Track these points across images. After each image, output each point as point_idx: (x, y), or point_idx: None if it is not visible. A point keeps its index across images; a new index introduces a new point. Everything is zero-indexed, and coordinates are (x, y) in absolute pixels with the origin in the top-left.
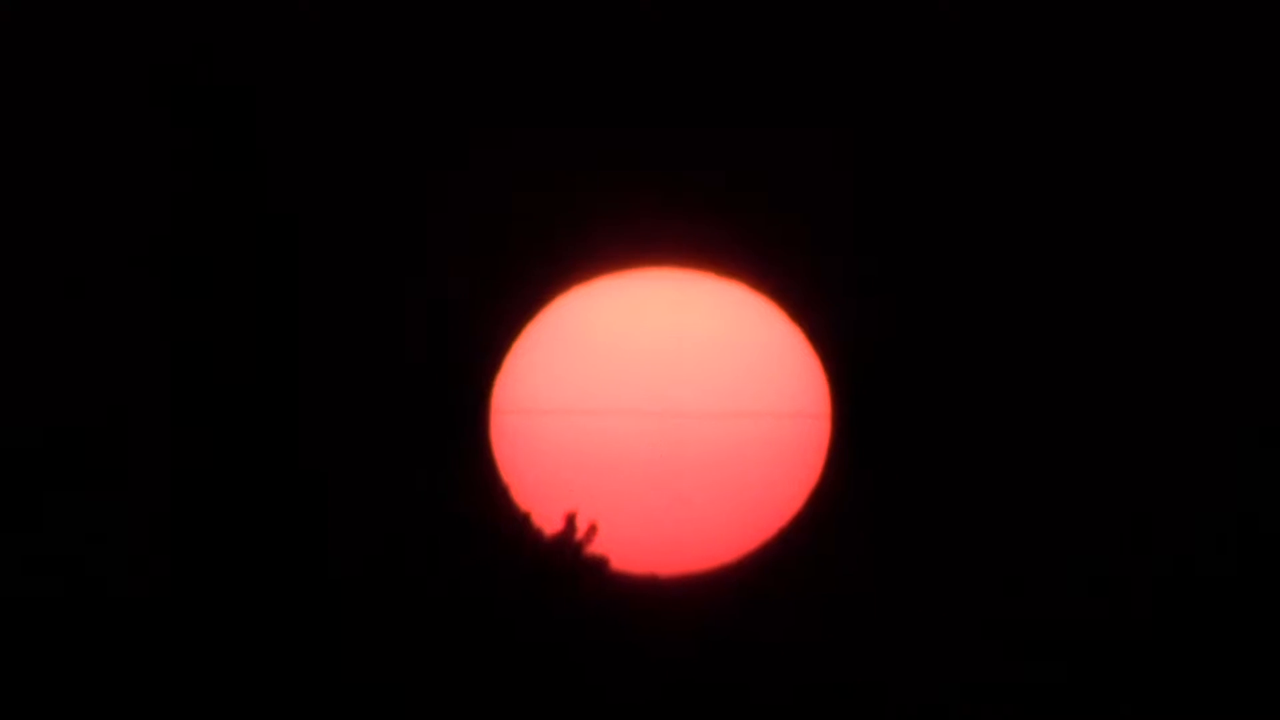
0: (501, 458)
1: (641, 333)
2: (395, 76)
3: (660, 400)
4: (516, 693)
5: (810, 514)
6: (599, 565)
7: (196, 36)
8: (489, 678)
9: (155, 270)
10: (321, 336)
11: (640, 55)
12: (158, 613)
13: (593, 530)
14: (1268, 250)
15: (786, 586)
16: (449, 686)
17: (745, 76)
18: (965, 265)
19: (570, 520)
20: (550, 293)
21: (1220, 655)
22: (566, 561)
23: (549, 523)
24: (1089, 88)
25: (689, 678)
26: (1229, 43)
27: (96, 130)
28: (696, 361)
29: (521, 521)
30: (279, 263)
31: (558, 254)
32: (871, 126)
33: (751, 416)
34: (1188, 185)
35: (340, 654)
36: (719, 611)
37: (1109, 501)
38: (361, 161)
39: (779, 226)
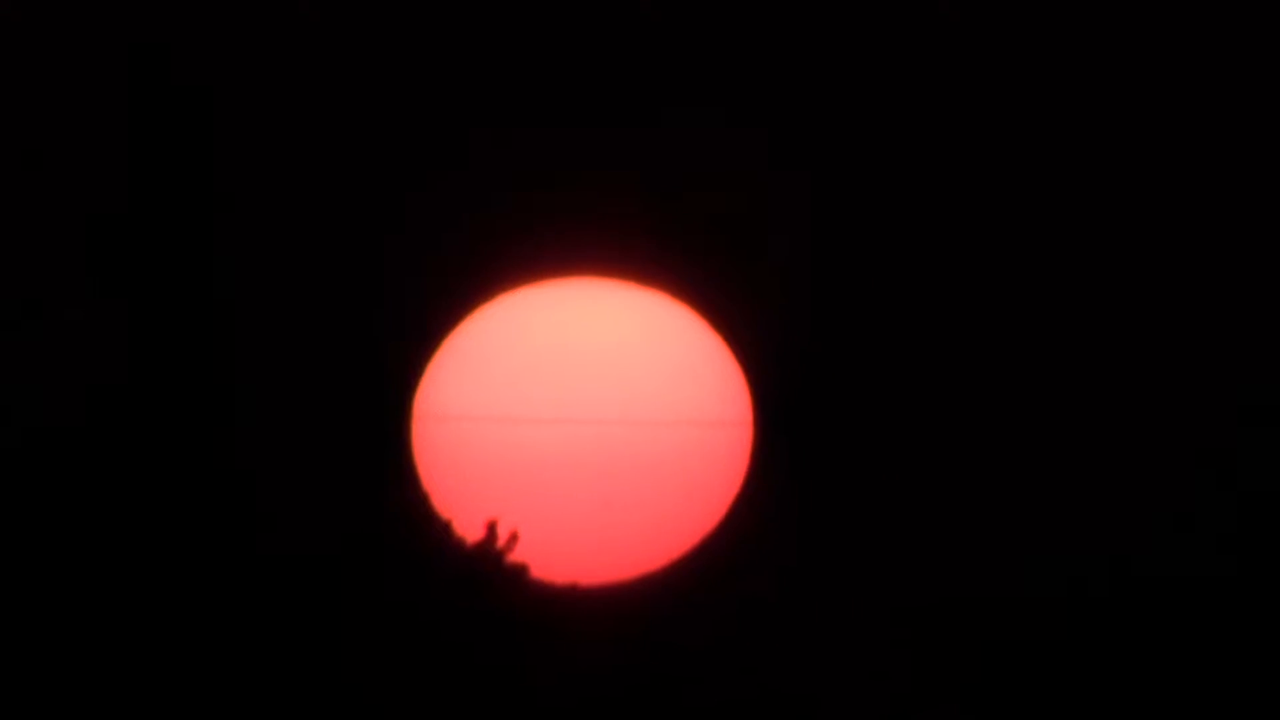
0: (423, 464)
1: (563, 341)
2: (334, 80)
3: (582, 408)
4: (437, 697)
5: (732, 522)
6: (520, 573)
7: (155, 35)
8: (410, 682)
9: (91, 268)
10: (247, 342)
11: (559, 61)
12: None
13: (514, 538)
14: (1259, 250)
15: (708, 594)
16: (373, 691)
17: (662, 80)
18: (885, 270)
19: (491, 528)
20: (473, 300)
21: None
22: (487, 569)
23: (470, 530)
24: (1032, 85)
25: (610, 686)
26: (1228, 43)
27: (54, 127)
28: (618, 370)
29: (443, 529)
30: (207, 266)
31: (481, 262)
32: (787, 129)
33: (673, 424)
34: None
35: (265, 658)
36: (641, 620)
37: (1038, 500)
38: (291, 166)
39: (698, 234)
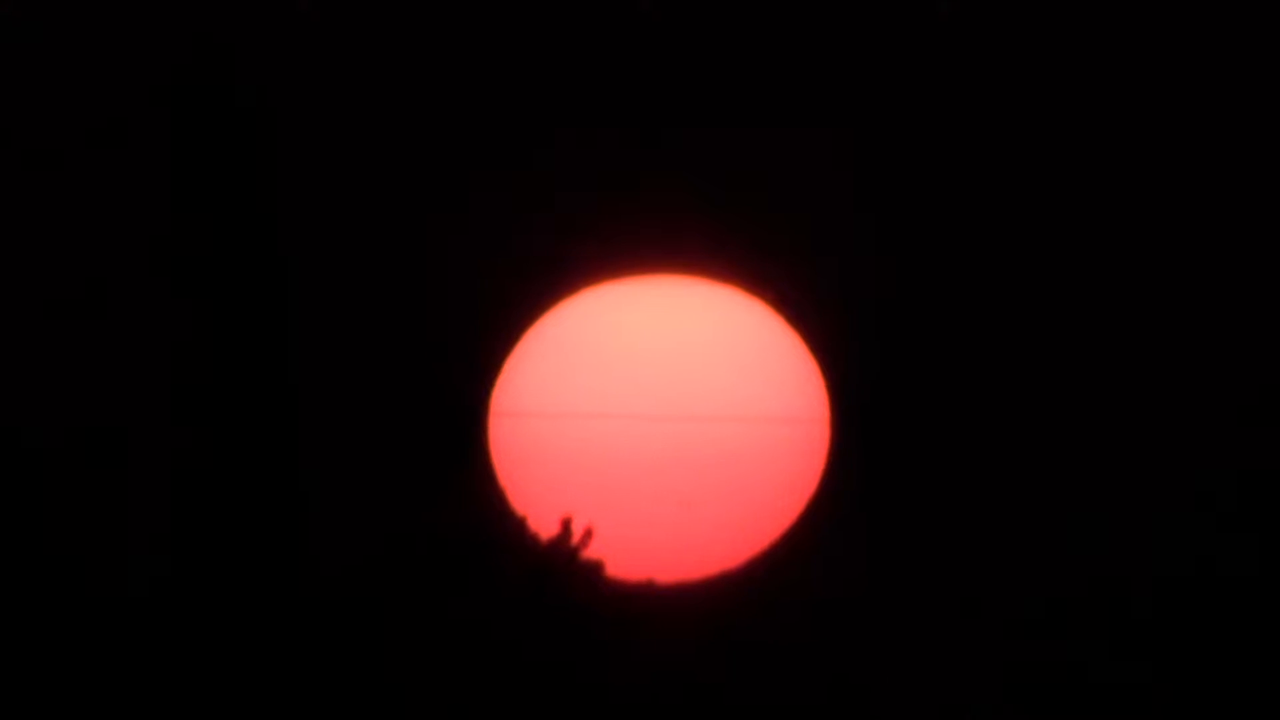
0: (499, 461)
1: (640, 338)
2: (398, 77)
3: (658, 404)
4: (511, 697)
5: (809, 519)
6: (594, 570)
7: (203, 33)
8: (485, 682)
9: (156, 270)
10: (320, 338)
11: (638, 58)
12: (155, 614)
13: (588, 535)
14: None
15: (786, 592)
16: (445, 690)
17: (741, 78)
18: (964, 266)
19: (566, 525)
20: (550, 298)
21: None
22: (561, 566)
23: (545, 527)
24: (1093, 87)
25: (685, 684)
26: (1229, 43)
27: (99, 127)
28: (694, 366)
29: (517, 525)
30: (278, 264)
31: (558, 259)
32: (869, 127)
33: (750, 421)
34: (1190, 182)
35: (336, 658)
36: (716, 618)
37: (1115, 501)
38: (362, 162)
39: (776, 230)
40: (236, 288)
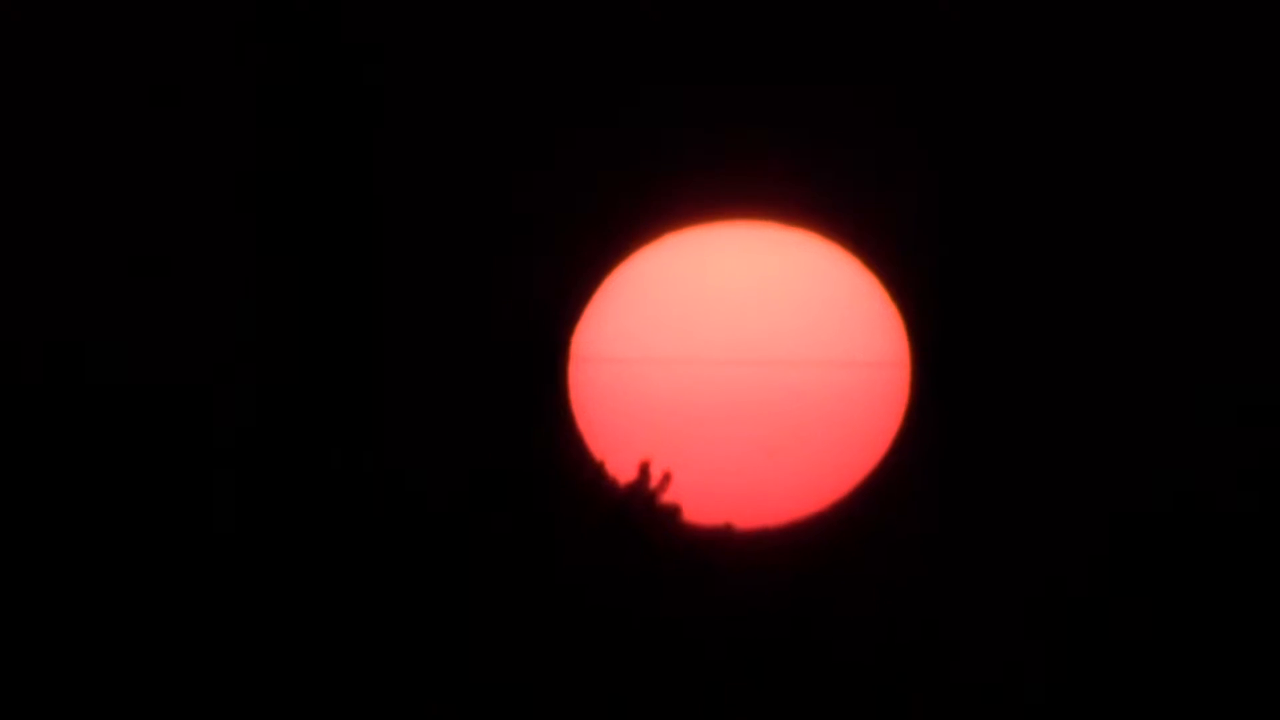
0: (578, 406)
1: (719, 283)
2: (490, 26)
3: (737, 349)
4: (587, 638)
5: (889, 464)
6: (672, 515)
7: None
8: (560, 623)
9: (240, 221)
10: (404, 281)
11: (719, 11)
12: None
13: (667, 479)
14: None
15: (864, 538)
16: (518, 632)
17: (816, 28)
18: (1044, 212)
19: (644, 469)
20: (631, 243)
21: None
22: (639, 510)
23: (624, 472)
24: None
25: (762, 630)
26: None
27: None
28: (774, 311)
29: (596, 469)
30: (361, 204)
31: (639, 205)
32: (944, 75)
33: (829, 365)
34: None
35: (414, 598)
36: (796, 564)
37: (1197, 452)
38: (451, 109)
39: (855, 175)
40: (323, 232)
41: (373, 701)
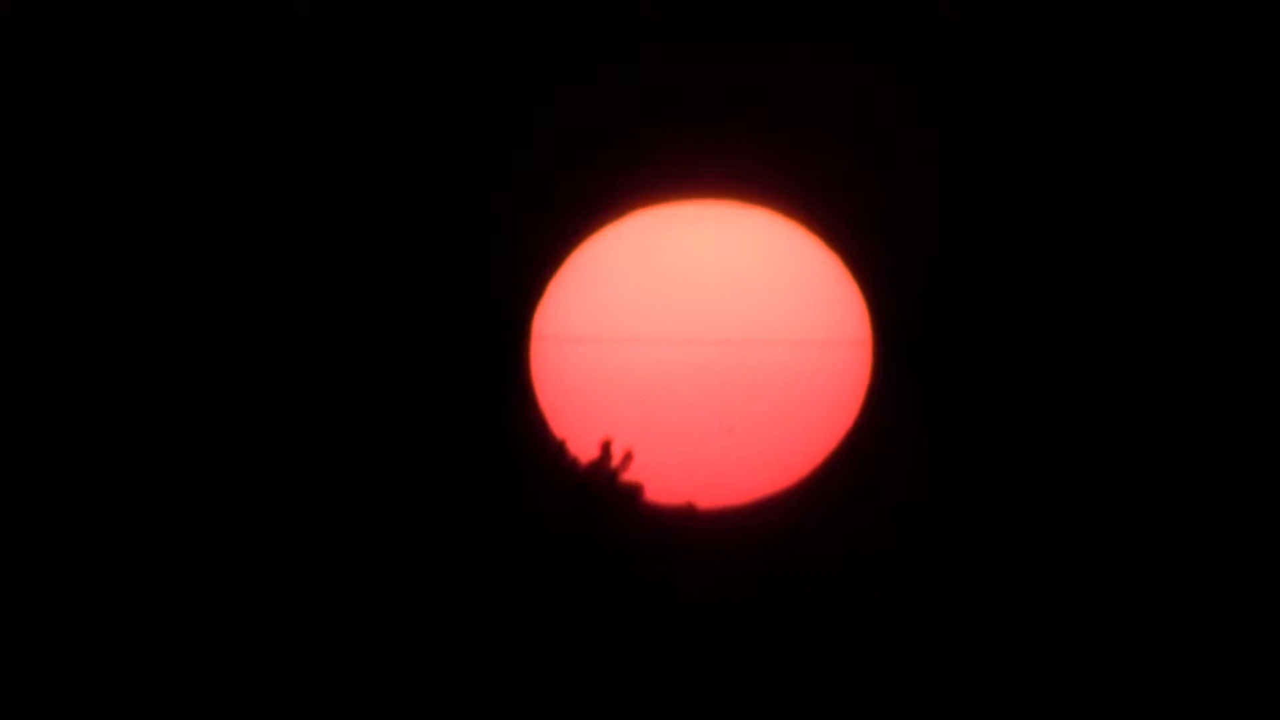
0: (540, 385)
1: (680, 262)
2: (450, 22)
3: (698, 329)
4: (548, 617)
5: (851, 444)
6: (633, 493)
7: None
8: (521, 602)
9: (218, 202)
10: (364, 264)
11: None
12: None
13: (628, 458)
14: None
15: (825, 517)
16: (484, 609)
17: (771, 6)
18: (1004, 188)
19: (606, 448)
20: (593, 223)
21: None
22: (601, 489)
23: (585, 450)
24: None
25: (723, 610)
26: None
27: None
28: (736, 290)
29: (558, 448)
30: (328, 187)
31: (600, 184)
32: (907, 53)
33: (791, 345)
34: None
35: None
36: (758, 544)
37: (1158, 421)
38: (414, 91)
39: (816, 154)
40: (297, 211)
41: (356, 682)
